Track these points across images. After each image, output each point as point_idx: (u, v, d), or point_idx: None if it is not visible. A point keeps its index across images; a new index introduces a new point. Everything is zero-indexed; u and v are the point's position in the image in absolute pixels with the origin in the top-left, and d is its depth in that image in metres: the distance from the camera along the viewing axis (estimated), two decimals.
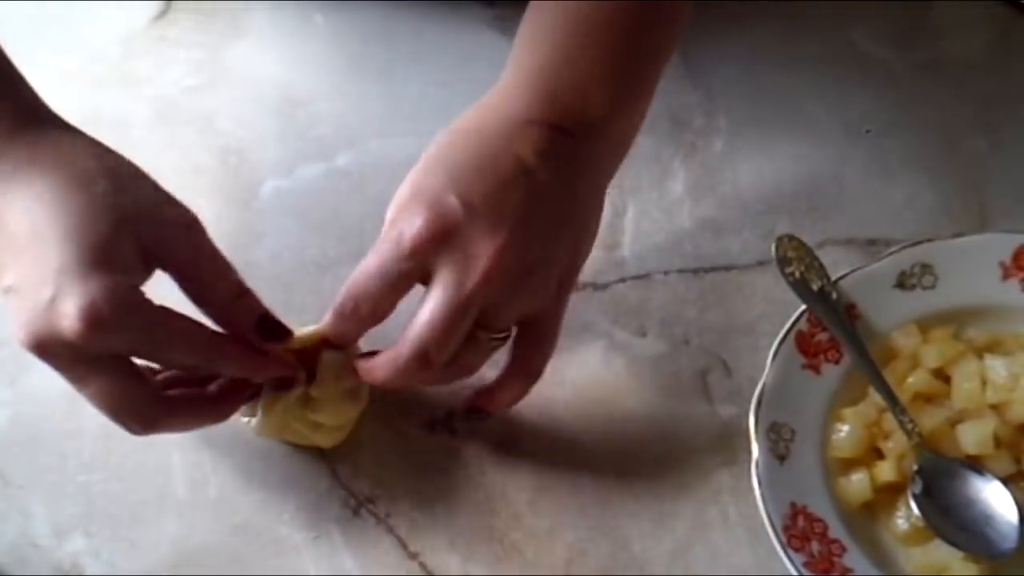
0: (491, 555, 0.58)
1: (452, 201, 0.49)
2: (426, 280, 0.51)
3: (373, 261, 0.51)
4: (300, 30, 0.76)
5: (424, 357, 0.51)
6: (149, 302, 0.49)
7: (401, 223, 0.50)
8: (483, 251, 0.50)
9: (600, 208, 0.55)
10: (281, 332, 0.54)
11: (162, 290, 0.51)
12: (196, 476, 0.60)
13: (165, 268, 0.51)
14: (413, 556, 0.58)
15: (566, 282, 0.54)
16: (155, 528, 0.59)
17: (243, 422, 0.58)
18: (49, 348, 0.48)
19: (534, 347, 0.55)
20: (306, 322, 0.60)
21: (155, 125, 0.72)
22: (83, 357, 0.48)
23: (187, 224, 0.52)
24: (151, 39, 0.75)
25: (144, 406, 0.51)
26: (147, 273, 0.51)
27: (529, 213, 0.51)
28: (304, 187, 0.69)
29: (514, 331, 0.55)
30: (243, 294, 0.53)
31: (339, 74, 0.74)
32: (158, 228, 0.51)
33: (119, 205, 0.50)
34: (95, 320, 0.47)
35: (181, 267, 0.51)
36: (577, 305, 0.64)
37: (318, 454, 0.60)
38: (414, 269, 0.51)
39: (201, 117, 0.72)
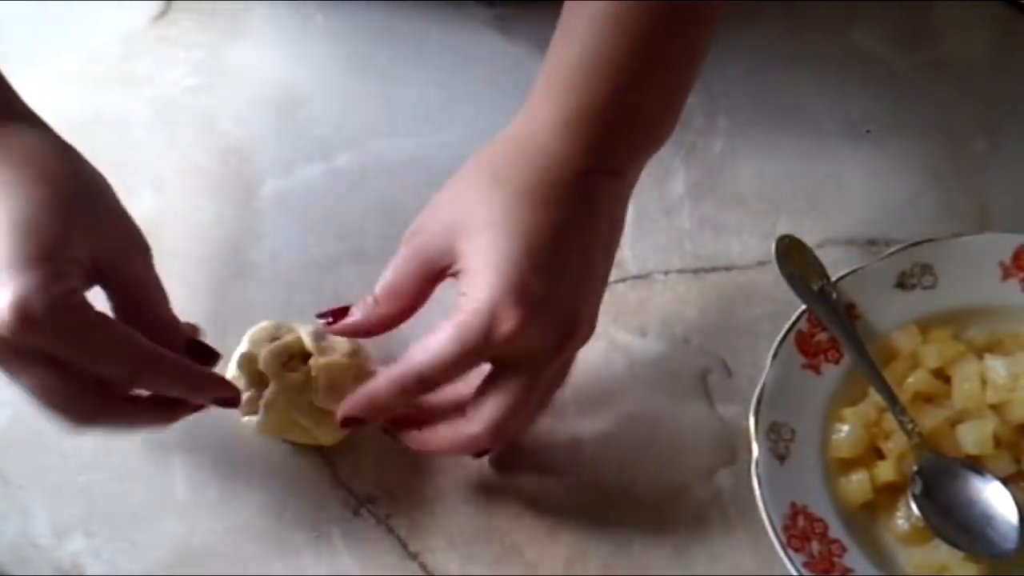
0: (491, 555, 0.58)
1: (538, 290, 0.49)
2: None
3: (454, 342, 0.50)
4: (300, 30, 0.76)
5: (499, 434, 0.52)
6: (86, 306, 0.48)
7: (490, 310, 0.49)
8: (564, 327, 0.50)
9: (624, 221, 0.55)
10: (210, 354, 0.54)
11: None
12: (196, 476, 0.60)
13: (107, 284, 0.50)
14: (413, 556, 0.58)
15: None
16: (155, 528, 0.59)
17: (243, 421, 0.58)
18: None
19: (554, 385, 0.56)
20: (306, 322, 0.60)
21: (155, 125, 0.72)
22: (18, 350, 0.48)
23: (141, 248, 0.52)
24: (151, 39, 0.75)
25: (79, 401, 0.50)
26: (89, 283, 0.51)
27: (597, 271, 0.52)
28: (304, 187, 0.69)
29: None
30: (176, 325, 0.53)
31: (339, 74, 0.74)
32: (114, 242, 0.51)
33: (79, 209, 0.49)
34: (25, 315, 0.46)
35: (125, 287, 0.51)
36: None
37: (318, 454, 0.60)
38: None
39: (201, 117, 0.72)
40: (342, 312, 0.54)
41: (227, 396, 0.54)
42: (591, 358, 0.63)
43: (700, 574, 0.58)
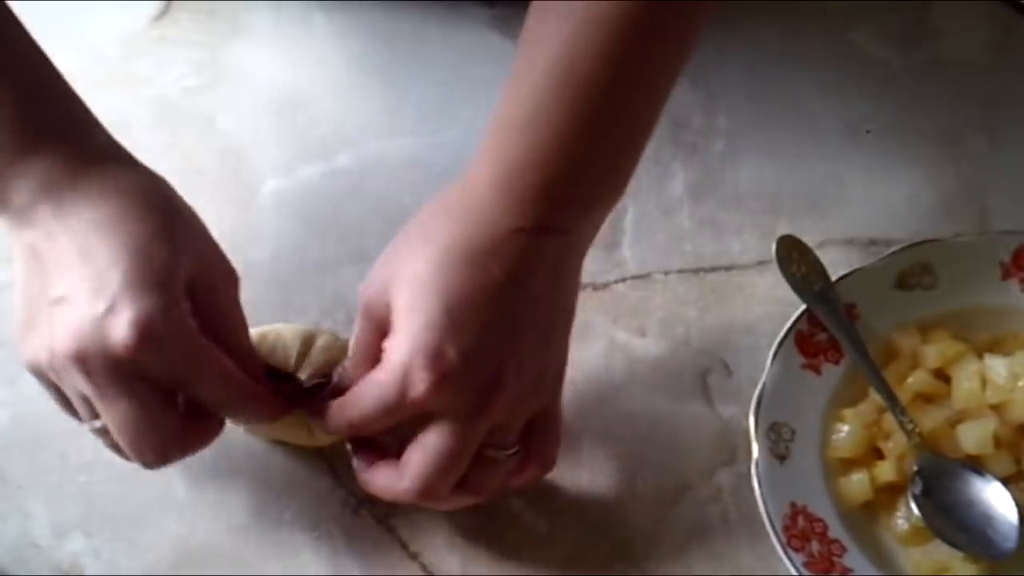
0: (491, 555, 0.58)
1: (451, 355, 0.48)
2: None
3: (373, 399, 0.50)
4: (300, 30, 0.76)
5: (427, 492, 0.51)
6: (198, 333, 0.49)
7: (402, 372, 0.49)
8: (485, 390, 0.49)
9: (579, 285, 0.54)
10: (287, 379, 0.55)
11: None
12: (196, 476, 0.60)
13: (196, 311, 0.50)
14: (413, 556, 0.58)
15: (562, 373, 0.54)
16: (155, 528, 0.59)
17: (243, 428, 0.59)
18: (90, 360, 0.47)
19: (545, 438, 0.55)
20: (306, 323, 0.60)
21: (155, 126, 0.72)
22: (120, 375, 0.48)
23: (232, 277, 0.53)
24: (151, 39, 0.75)
25: (167, 433, 0.50)
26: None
27: (526, 332, 0.51)
28: (304, 187, 0.69)
29: None
30: (254, 353, 0.54)
31: (339, 74, 0.74)
32: (207, 270, 0.52)
33: (181, 241, 0.51)
34: (148, 335, 0.47)
35: (212, 314, 0.51)
36: (577, 305, 0.64)
37: (318, 454, 0.60)
38: (414, 414, 0.51)
39: (201, 117, 0.72)
40: (325, 378, 0.55)
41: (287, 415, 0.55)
42: (591, 358, 0.63)
43: (700, 574, 0.58)
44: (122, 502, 0.60)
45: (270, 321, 0.62)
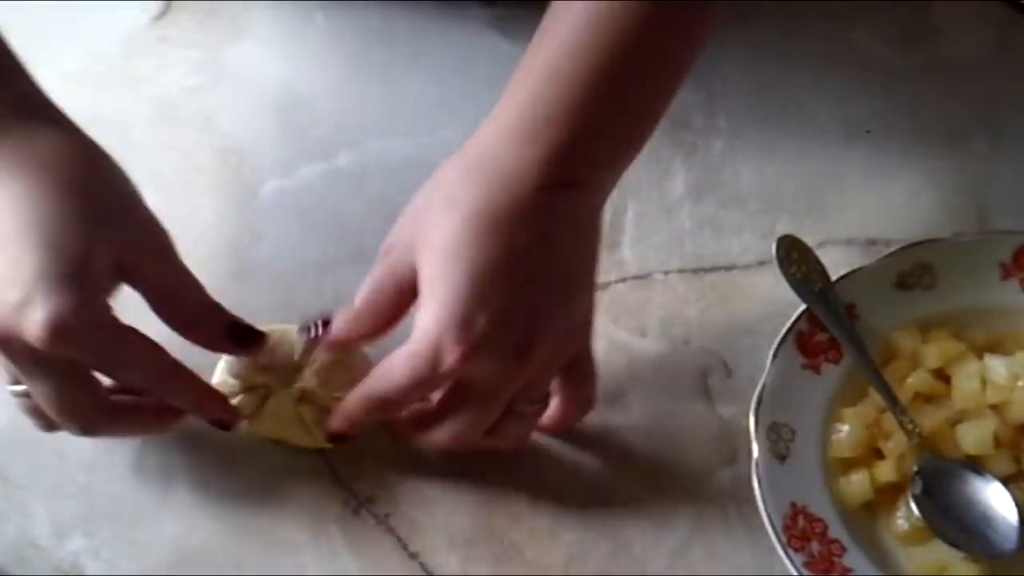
0: (491, 555, 0.58)
1: (481, 323, 0.48)
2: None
3: (405, 372, 0.50)
4: (300, 30, 0.76)
5: (457, 442, 0.53)
6: (116, 321, 0.50)
7: (435, 343, 0.49)
8: (516, 352, 0.50)
9: (600, 232, 0.54)
10: (254, 336, 0.55)
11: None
12: (196, 476, 0.60)
13: (135, 284, 0.52)
14: (413, 556, 0.58)
15: (590, 319, 0.54)
16: (155, 528, 0.59)
17: (242, 426, 0.59)
18: (9, 346, 0.49)
19: (583, 381, 0.56)
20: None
21: (155, 125, 0.72)
22: (40, 360, 0.49)
23: (164, 244, 0.53)
24: (151, 39, 0.75)
25: (90, 411, 0.52)
26: (116, 287, 0.52)
27: (553, 289, 0.51)
28: (304, 187, 0.69)
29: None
30: (213, 307, 0.54)
31: (339, 74, 0.74)
32: (136, 244, 0.52)
33: (103, 217, 0.51)
34: (59, 332, 0.47)
35: (154, 285, 0.52)
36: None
37: (318, 454, 0.60)
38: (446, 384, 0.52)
39: (201, 117, 0.72)
40: (325, 324, 0.54)
41: (225, 419, 0.56)
42: None
43: (700, 574, 0.58)
44: (122, 502, 0.60)
45: (270, 321, 0.62)
